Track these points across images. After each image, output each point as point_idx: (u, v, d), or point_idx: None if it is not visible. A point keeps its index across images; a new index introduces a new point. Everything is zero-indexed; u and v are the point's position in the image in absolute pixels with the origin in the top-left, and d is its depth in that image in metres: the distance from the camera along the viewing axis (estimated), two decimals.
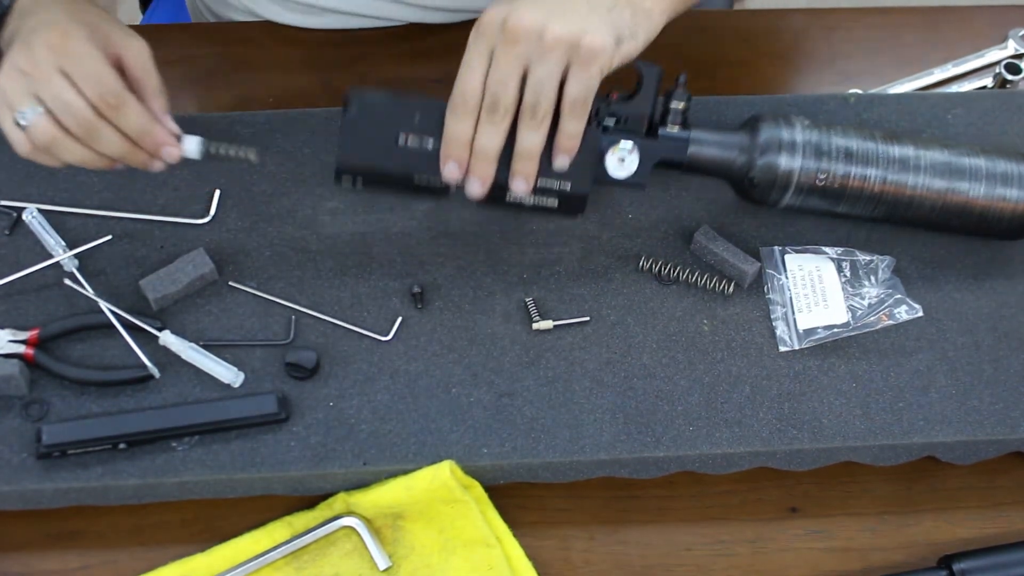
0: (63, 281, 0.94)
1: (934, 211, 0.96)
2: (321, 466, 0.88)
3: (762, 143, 0.94)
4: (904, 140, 0.96)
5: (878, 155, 0.94)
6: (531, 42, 0.83)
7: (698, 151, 0.94)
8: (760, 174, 0.94)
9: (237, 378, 0.90)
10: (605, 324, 0.96)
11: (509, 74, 0.84)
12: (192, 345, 0.91)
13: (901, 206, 0.96)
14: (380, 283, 0.97)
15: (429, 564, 0.86)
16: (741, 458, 0.91)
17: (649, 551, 0.90)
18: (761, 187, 0.95)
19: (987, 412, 0.93)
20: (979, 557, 0.88)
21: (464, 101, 0.85)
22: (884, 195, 0.95)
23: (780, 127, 0.94)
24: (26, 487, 0.86)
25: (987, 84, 1.16)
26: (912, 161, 0.95)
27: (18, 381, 0.89)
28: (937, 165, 0.95)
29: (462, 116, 0.85)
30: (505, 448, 0.89)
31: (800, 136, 0.94)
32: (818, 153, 0.94)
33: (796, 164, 0.93)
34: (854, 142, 0.95)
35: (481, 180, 0.87)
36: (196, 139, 0.90)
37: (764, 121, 0.95)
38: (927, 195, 0.95)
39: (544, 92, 0.84)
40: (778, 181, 0.94)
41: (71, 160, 0.87)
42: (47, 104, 0.84)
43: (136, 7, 1.50)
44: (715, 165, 0.95)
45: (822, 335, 0.95)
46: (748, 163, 0.94)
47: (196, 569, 0.86)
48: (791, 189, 0.94)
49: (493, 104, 0.84)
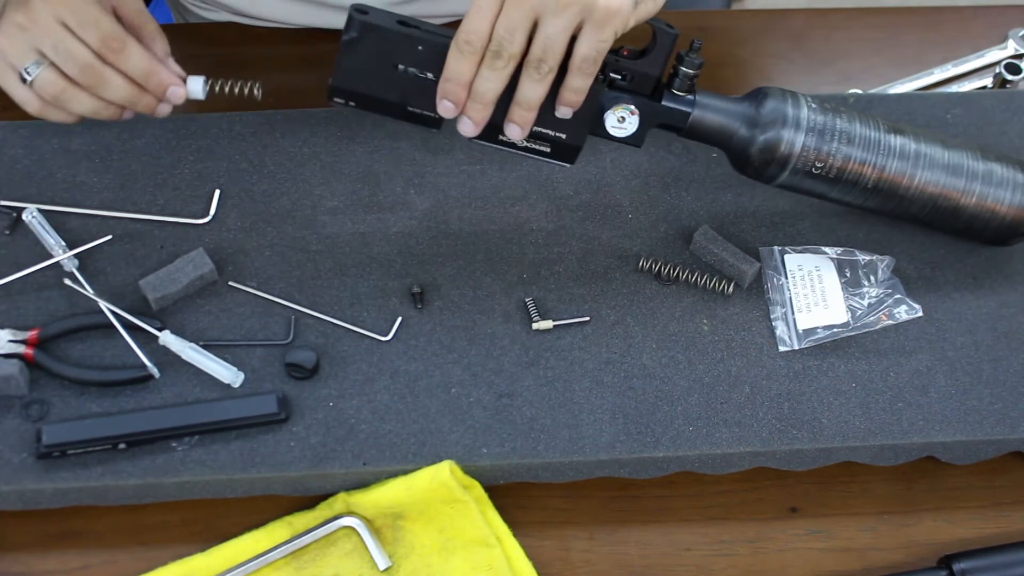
0: (63, 281, 0.94)
1: (925, 208, 0.96)
2: (321, 466, 0.88)
3: (766, 117, 0.92)
4: (907, 132, 0.95)
5: (879, 144, 0.93)
6: None
7: (700, 118, 0.92)
8: (760, 148, 0.92)
9: (237, 378, 0.90)
10: (605, 324, 0.96)
11: (519, 23, 0.82)
12: (192, 345, 0.91)
13: (894, 198, 0.95)
14: (380, 283, 0.97)
15: (429, 564, 0.86)
16: (741, 458, 0.91)
17: (649, 551, 0.90)
18: (760, 162, 0.93)
19: (987, 412, 0.93)
20: (979, 557, 0.88)
21: (468, 41, 0.83)
22: (879, 185, 0.94)
23: (786, 103, 0.92)
24: (26, 487, 0.86)
25: (987, 84, 1.17)
26: (912, 154, 0.94)
27: (18, 381, 0.89)
28: (936, 162, 0.94)
29: (464, 57, 0.83)
30: (505, 448, 0.89)
31: (805, 115, 0.92)
32: (821, 134, 0.92)
33: (798, 143, 0.91)
34: (857, 127, 0.93)
35: (475, 122, 0.86)
36: (199, 79, 0.91)
37: (770, 95, 0.93)
38: (922, 190, 0.94)
39: (553, 48, 0.83)
40: (777, 158, 0.92)
41: (81, 111, 0.88)
42: (49, 56, 0.85)
43: None
44: (716, 134, 0.93)
45: (822, 335, 0.95)
46: (750, 137, 0.92)
47: (196, 569, 0.86)
48: (789, 167, 0.92)
49: (497, 51, 0.83)
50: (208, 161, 1.02)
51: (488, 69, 0.84)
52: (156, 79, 0.88)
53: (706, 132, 0.93)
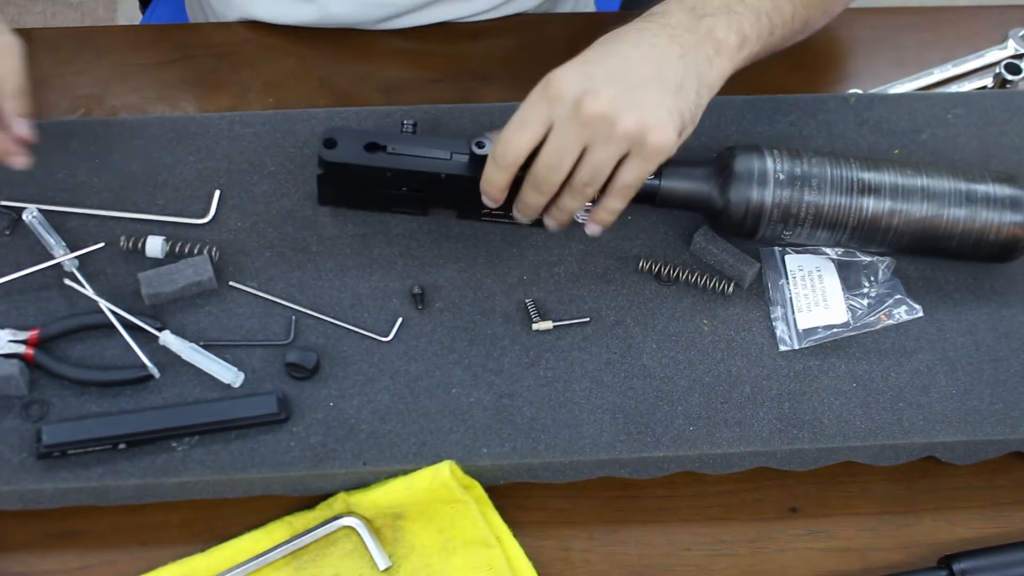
0: (63, 281, 0.94)
1: (915, 239, 0.95)
2: (321, 466, 0.88)
3: (733, 177, 0.93)
4: (881, 166, 0.95)
5: (853, 183, 0.93)
6: (601, 128, 0.84)
7: (670, 188, 0.94)
8: (733, 208, 0.94)
9: (237, 378, 0.90)
10: (605, 325, 0.96)
11: (570, 152, 0.85)
12: (192, 345, 0.91)
13: (880, 233, 0.95)
14: (380, 284, 0.97)
15: (429, 564, 0.86)
16: (741, 458, 0.91)
17: (649, 551, 0.90)
18: (736, 220, 0.94)
19: (987, 412, 0.93)
20: (979, 557, 0.88)
21: (504, 157, 0.86)
22: (861, 224, 0.94)
23: (751, 159, 0.94)
24: (26, 487, 0.86)
25: (987, 84, 1.16)
26: (888, 189, 0.93)
27: (18, 381, 0.89)
28: (914, 191, 0.94)
29: (500, 170, 0.87)
30: (505, 448, 0.89)
31: (771, 167, 0.93)
32: (791, 184, 0.93)
33: (768, 197, 0.93)
34: (828, 170, 0.93)
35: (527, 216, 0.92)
36: (159, 239, 0.95)
37: (736, 154, 0.94)
38: (907, 223, 0.94)
39: (600, 174, 0.86)
40: (750, 214, 0.93)
41: None
42: None
43: (136, 7, 1.50)
44: (687, 201, 0.95)
45: (822, 335, 0.95)
46: (721, 198, 0.94)
47: (196, 569, 0.86)
48: (764, 221, 0.94)
49: (545, 177, 0.86)
50: (208, 161, 1.02)
51: (533, 191, 0.88)
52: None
53: (678, 200, 0.95)
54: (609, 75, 0.85)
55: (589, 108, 0.83)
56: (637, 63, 0.86)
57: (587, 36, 0.90)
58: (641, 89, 0.85)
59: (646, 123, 0.84)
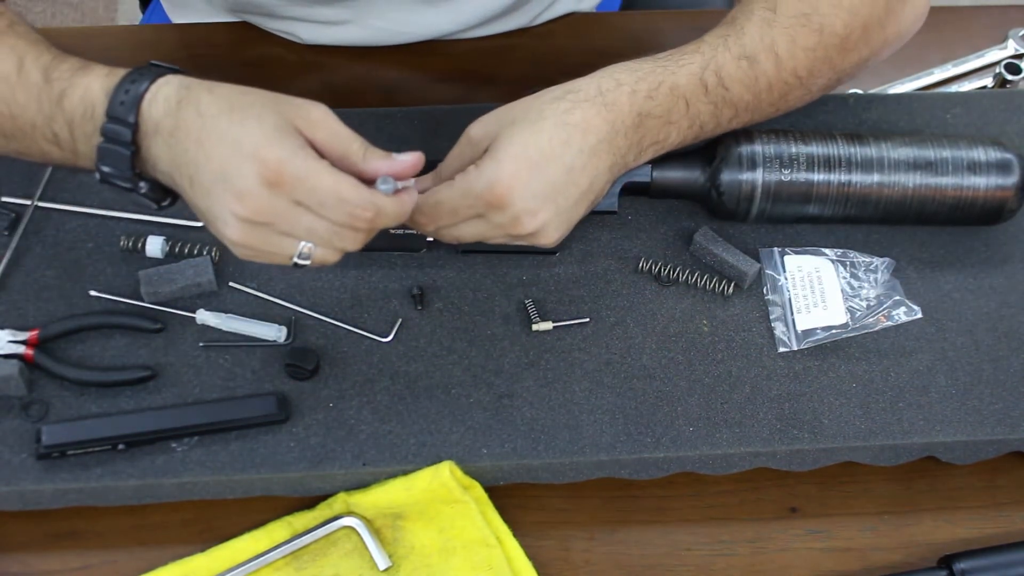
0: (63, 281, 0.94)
1: (903, 206, 0.98)
2: (321, 467, 0.88)
3: (722, 158, 0.96)
4: (865, 139, 0.98)
5: (839, 157, 0.96)
6: (512, 229, 0.85)
7: (662, 173, 0.96)
8: (725, 191, 0.96)
9: (280, 333, 0.92)
10: (605, 325, 0.96)
11: (473, 234, 0.86)
12: (229, 315, 0.93)
13: (870, 204, 0.98)
14: (380, 284, 0.97)
15: (429, 564, 0.86)
16: (741, 458, 0.91)
17: (649, 551, 0.90)
18: (729, 203, 0.97)
19: (987, 412, 0.93)
20: (979, 557, 0.88)
21: (424, 224, 0.87)
22: (851, 196, 0.97)
23: (739, 142, 0.96)
24: (26, 487, 0.86)
25: (987, 84, 1.16)
26: (875, 159, 0.97)
27: (18, 381, 0.89)
28: (900, 160, 0.97)
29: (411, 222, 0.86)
30: (505, 449, 0.89)
31: (759, 149, 0.96)
32: (780, 161, 0.96)
33: (758, 177, 0.96)
34: (814, 148, 0.97)
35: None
36: (159, 239, 0.95)
37: (723, 139, 0.97)
38: (894, 192, 0.97)
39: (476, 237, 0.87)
40: (742, 196, 0.96)
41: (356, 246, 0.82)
42: (305, 239, 0.79)
43: (136, 7, 1.50)
44: (680, 187, 0.98)
45: (821, 336, 0.95)
46: (712, 183, 0.97)
47: (196, 569, 0.86)
48: (756, 201, 0.97)
49: (434, 231, 0.88)
50: None
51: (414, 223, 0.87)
52: (404, 211, 0.82)
53: (671, 189, 0.98)
54: (551, 192, 0.84)
55: (523, 228, 0.84)
56: (577, 176, 0.85)
57: (587, 36, 0.90)
58: (571, 210, 0.86)
59: (546, 232, 0.86)
